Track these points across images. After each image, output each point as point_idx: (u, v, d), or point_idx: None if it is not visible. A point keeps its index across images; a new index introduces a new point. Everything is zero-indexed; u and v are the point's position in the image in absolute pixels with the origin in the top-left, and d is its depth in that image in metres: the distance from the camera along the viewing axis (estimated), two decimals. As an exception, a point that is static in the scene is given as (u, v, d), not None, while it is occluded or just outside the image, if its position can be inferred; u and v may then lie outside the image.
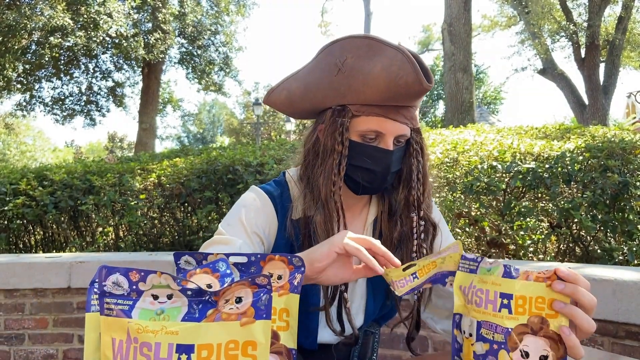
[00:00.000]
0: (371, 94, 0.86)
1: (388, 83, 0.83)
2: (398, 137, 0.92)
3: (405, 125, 0.91)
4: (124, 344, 0.51)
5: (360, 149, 0.91)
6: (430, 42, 28.29)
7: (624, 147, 2.51)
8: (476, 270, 0.72)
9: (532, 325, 0.65)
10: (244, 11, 16.67)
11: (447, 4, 8.80)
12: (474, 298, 0.70)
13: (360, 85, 0.86)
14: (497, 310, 0.66)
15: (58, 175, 3.40)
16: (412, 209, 0.97)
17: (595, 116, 11.80)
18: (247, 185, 2.99)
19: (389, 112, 0.88)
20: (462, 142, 3.10)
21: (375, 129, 0.89)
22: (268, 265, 0.65)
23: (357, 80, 0.86)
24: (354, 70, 0.86)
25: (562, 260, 2.54)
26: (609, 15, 14.60)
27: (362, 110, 0.89)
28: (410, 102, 0.88)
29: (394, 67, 0.82)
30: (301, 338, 0.96)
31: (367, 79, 0.85)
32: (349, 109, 0.90)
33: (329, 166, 0.91)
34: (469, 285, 0.72)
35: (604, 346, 1.68)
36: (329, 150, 0.91)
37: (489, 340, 0.67)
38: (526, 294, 0.66)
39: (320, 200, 0.92)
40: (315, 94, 0.93)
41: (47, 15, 10.55)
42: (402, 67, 0.82)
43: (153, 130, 14.76)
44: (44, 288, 2.33)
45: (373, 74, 0.84)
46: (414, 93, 0.84)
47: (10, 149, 32.96)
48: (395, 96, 0.85)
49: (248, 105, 26.25)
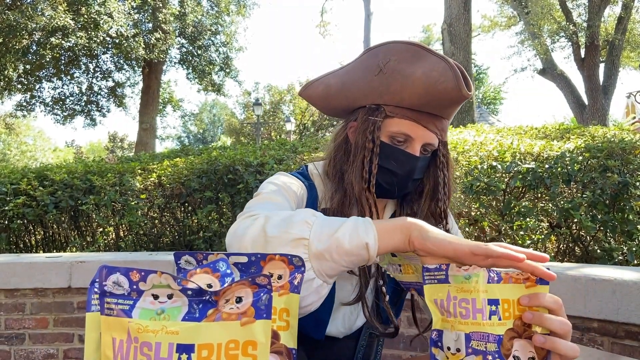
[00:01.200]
0: (408, 97, 0.87)
1: (427, 87, 0.84)
2: (426, 146, 0.92)
3: (435, 135, 0.92)
4: (124, 343, 0.51)
5: (388, 150, 0.91)
6: (430, 42, 28.30)
7: (623, 147, 2.51)
8: (446, 279, 0.66)
9: (517, 329, 0.64)
10: (244, 11, 16.68)
11: (447, 4, 8.80)
12: (458, 310, 0.65)
13: (399, 86, 0.87)
14: (488, 318, 0.63)
15: (58, 175, 3.40)
16: (439, 219, 0.98)
17: (595, 116, 11.80)
18: (247, 185, 2.99)
19: (422, 118, 0.89)
20: (462, 142, 3.10)
21: (406, 132, 0.90)
22: (268, 265, 0.65)
23: (397, 81, 0.87)
24: (395, 72, 0.87)
25: (562, 260, 2.54)
26: (608, 16, 14.61)
27: (396, 112, 0.90)
28: (446, 109, 0.89)
29: (434, 73, 0.83)
30: (309, 327, 0.97)
31: (406, 82, 0.86)
32: (383, 109, 0.91)
33: (359, 163, 0.91)
34: (447, 297, 0.67)
35: (603, 346, 1.68)
36: (360, 147, 0.92)
37: (481, 352, 0.63)
38: (509, 297, 0.64)
39: (354, 197, 0.92)
40: (352, 91, 0.94)
41: (47, 16, 10.55)
42: (444, 73, 0.82)
43: (153, 130, 14.76)
44: (44, 288, 2.33)
45: (413, 77, 0.85)
46: (452, 100, 0.85)
47: (10, 149, 32.98)
48: (432, 101, 0.86)
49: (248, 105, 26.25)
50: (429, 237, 0.66)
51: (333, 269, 0.68)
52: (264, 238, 0.68)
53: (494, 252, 0.61)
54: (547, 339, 0.59)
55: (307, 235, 0.68)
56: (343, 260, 0.68)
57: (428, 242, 0.65)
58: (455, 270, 0.66)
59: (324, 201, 0.98)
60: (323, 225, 0.69)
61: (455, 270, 0.66)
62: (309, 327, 0.96)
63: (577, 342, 1.70)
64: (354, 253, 0.67)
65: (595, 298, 1.67)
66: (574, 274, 1.73)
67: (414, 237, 0.66)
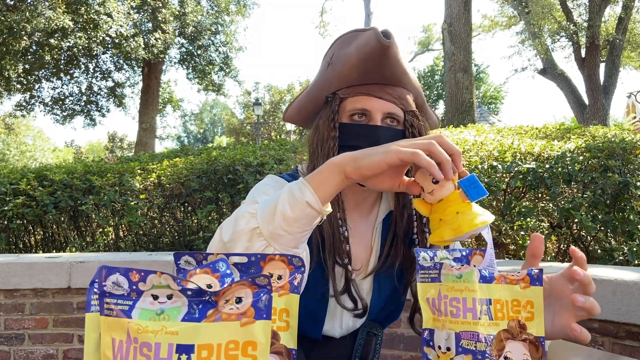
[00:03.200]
0: (349, 73, 0.92)
1: (358, 56, 0.89)
2: (387, 116, 0.93)
3: (393, 105, 0.93)
4: (124, 344, 0.51)
5: (350, 128, 0.93)
6: (430, 42, 28.30)
7: (624, 147, 2.51)
8: (438, 278, 0.67)
9: (512, 330, 0.64)
10: (244, 11, 16.68)
11: (447, 4, 8.81)
12: (449, 309, 0.65)
13: (341, 67, 0.92)
14: (478, 317, 0.63)
15: (58, 175, 3.40)
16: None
17: (596, 116, 11.80)
18: (247, 185, 2.99)
19: (372, 90, 0.93)
20: (462, 142, 3.10)
21: (360, 106, 0.93)
22: (268, 266, 0.65)
23: (339, 65, 0.93)
24: (337, 58, 0.94)
25: (563, 260, 2.54)
26: (609, 16, 14.61)
27: (348, 92, 0.94)
28: (386, 71, 0.90)
29: (362, 41, 0.88)
30: (306, 327, 0.97)
31: (344, 61, 0.91)
32: (337, 95, 0.96)
33: (326, 153, 0.93)
34: (438, 296, 0.67)
35: (604, 346, 1.68)
36: (326, 137, 0.95)
37: (471, 352, 0.63)
38: (503, 297, 0.64)
39: None
40: (313, 93, 1.00)
41: (47, 17, 10.55)
42: (369, 38, 0.87)
43: (153, 130, 14.77)
44: (44, 288, 2.33)
45: (348, 54, 0.91)
46: (379, 56, 0.88)
47: (10, 149, 33.00)
48: (368, 67, 0.90)
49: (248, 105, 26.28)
50: (362, 163, 0.68)
51: (293, 240, 0.72)
52: (223, 245, 0.73)
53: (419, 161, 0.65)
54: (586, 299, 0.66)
55: (255, 224, 0.71)
56: (296, 228, 0.71)
57: (362, 169, 0.68)
58: (447, 270, 0.66)
59: None
60: (264, 207, 0.72)
61: (448, 269, 0.66)
62: (305, 326, 0.97)
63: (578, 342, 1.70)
64: (301, 216, 0.70)
65: (596, 298, 1.66)
66: (574, 274, 1.73)
67: (348, 171, 0.70)
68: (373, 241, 1.01)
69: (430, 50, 28.31)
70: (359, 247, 1.00)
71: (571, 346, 0.95)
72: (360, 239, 1.01)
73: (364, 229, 1.02)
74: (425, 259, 0.69)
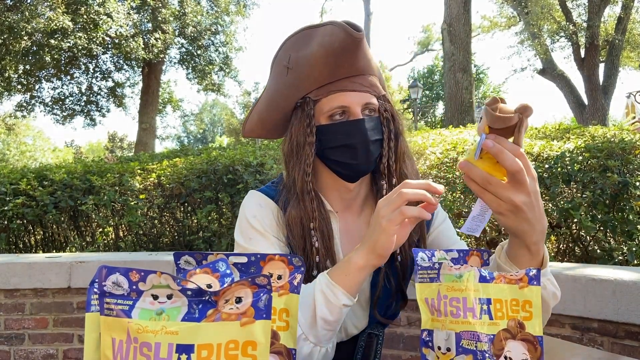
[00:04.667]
0: (319, 73, 0.89)
1: (326, 53, 0.86)
2: (365, 107, 0.92)
3: (367, 93, 0.92)
4: (124, 344, 0.51)
5: (333, 129, 0.91)
6: (430, 42, 28.30)
7: (623, 147, 2.51)
8: (437, 277, 0.67)
9: (511, 330, 0.64)
10: (244, 11, 16.67)
11: (447, 5, 8.81)
12: (449, 309, 0.65)
13: (307, 69, 0.89)
14: (478, 317, 0.63)
15: (58, 175, 3.40)
16: (382, 177, 0.96)
17: (595, 116, 11.80)
18: (247, 185, 2.99)
19: (344, 85, 0.90)
20: (461, 142, 3.10)
21: (339, 104, 0.90)
22: (268, 265, 0.65)
23: (303, 67, 0.89)
24: (298, 60, 0.89)
25: (562, 260, 2.54)
26: (608, 16, 14.60)
27: (320, 93, 0.91)
28: (355, 63, 0.89)
29: (326, 38, 0.85)
30: None
31: (310, 61, 0.88)
32: (309, 98, 0.92)
33: (303, 160, 0.92)
34: (437, 296, 0.66)
35: (603, 346, 1.68)
36: (302, 144, 0.93)
37: (471, 352, 0.63)
38: (502, 297, 0.65)
39: (296, 195, 0.93)
40: (277, 101, 0.96)
41: (47, 18, 10.55)
42: (333, 33, 0.84)
43: (153, 130, 14.76)
44: (44, 288, 2.33)
45: (312, 53, 0.87)
46: (351, 49, 0.86)
47: (10, 149, 32.97)
48: (338, 62, 0.87)
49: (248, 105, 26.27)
50: (380, 251, 0.76)
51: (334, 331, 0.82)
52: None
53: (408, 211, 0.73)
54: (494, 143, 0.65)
55: (300, 332, 0.79)
56: (336, 325, 0.81)
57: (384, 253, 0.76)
58: (447, 269, 0.66)
59: None
60: (303, 314, 0.79)
61: (447, 269, 0.66)
62: None
63: (577, 342, 1.70)
64: (339, 316, 0.80)
65: (595, 298, 1.67)
66: (573, 274, 1.73)
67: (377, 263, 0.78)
68: None
69: (430, 50, 28.32)
70: (354, 246, 1.00)
71: (571, 346, 0.95)
72: (354, 238, 1.00)
73: (357, 228, 1.01)
74: (424, 259, 0.70)
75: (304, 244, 0.93)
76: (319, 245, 0.93)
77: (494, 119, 0.66)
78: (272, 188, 1.01)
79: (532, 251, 0.73)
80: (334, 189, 0.99)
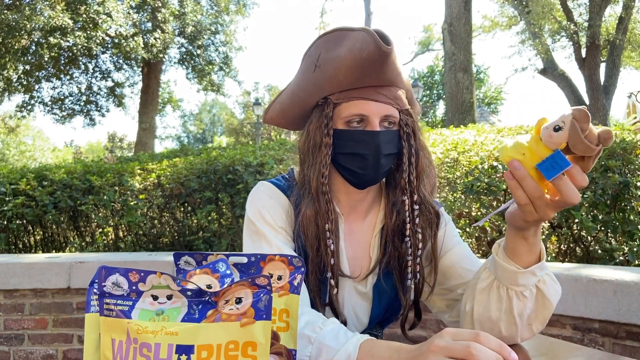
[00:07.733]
0: (344, 77, 0.88)
1: (354, 60, 0.85)
2: (385, 119, 0.91)
3: (390, 106, 0.91)
4: (123, 344, 0.51)
5: (348, 135, 0.91)
6: (430, 42, 28.29)
7: (624, 147, 2.50)
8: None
9: None
10: (244, 11, 16.68)
11: (448, 4, 8.81)
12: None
13: (333, 71, 0.88)
14: None
15: (58, 175, 3.39)
16: (403, 192, 0.95)
17: (596, 116, 11.79)
18: (247, 185, 2.99)
19: (367, 93, 0.90)
20: (462, 142, 3.10)
21: (357, 112, 0.90)
22: (268, 266, 0.64)
23: (330, 67, 0.89)
24: (326, 60, 0.89)
25: (563, 260, 2.53)
26: (609, 15, 14.60)
27: (342, 97, 0.91)
28: (382, 74, 0.88)
29: (357, 45, 0.85)
30: None
31: (337, 64, 0.87)
32: (330, 100, 0.92)
33: (319, 160, 0.92)
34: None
35: (604, 347, 1.68)
36: (318, 144, 0.93)
37: None
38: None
39: (311, 195, 0.93)
40: (300, 97, 0.96)
41: (46, 16, 10.55)
42: (364, 41, 0.84)
43: (152, 130, 14.78)
44: (43, 288, 2.32)
45: (341, 57, 0.87)
46: (378, 61, 0.85)
47: (9, 149, 32.99)
48: (364, 71, 0.87)
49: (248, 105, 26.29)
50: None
51: None
52: None
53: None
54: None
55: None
56: None
57: None
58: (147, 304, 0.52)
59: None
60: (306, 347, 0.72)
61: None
62: None
63: (578, 343, 1.70)
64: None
65: (596, 299, 1.66)
66: (574, 275, 1.73)
67: None
68: (372, 245, 1.00)
69: (430, 50, 28.30)
70: (358, 251, 0.99)
71: (571, 346, 0.95)
72: (359, 243, 0.99)
73: (362, 233, 1.00)
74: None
75: (318, 245, 0.92)
76: (334, 247, 0.92)
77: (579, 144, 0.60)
78: (283, 182, 1.01)
79: (530, 243, 0.78)
80: (343, 191, 0.99)
